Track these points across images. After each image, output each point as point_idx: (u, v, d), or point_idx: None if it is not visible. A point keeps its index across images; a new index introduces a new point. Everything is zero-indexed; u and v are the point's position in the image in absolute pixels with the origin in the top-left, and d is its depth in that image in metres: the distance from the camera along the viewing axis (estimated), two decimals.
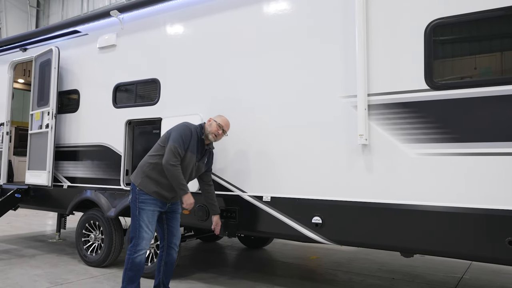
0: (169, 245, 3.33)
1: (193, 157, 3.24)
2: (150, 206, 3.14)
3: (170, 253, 3.33)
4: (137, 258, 3.10)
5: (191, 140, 3.21)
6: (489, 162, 2.66)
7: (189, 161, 3.23)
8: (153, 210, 3.16)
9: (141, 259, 3.12)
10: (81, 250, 4.72)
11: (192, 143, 3.22)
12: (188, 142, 3.18)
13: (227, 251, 5.81)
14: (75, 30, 5.08)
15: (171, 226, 3.33)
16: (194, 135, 3.24)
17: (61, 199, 4.96)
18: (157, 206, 3.18)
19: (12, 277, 4.14)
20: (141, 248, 3.11)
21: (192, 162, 3.25)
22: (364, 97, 3.09)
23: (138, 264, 3.12)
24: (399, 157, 2.97)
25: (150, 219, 3.14)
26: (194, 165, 3.28)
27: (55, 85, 4.91)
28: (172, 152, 3.09)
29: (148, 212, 3.13)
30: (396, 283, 4.22)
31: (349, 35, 3.21)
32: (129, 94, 4.55)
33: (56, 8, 17.60)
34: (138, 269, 3.13)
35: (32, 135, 5.20)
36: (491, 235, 2.61)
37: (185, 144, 3.17)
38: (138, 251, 3.10)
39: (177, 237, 3.36)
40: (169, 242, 3.33)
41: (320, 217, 3.22)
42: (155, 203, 3.16)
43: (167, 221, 3.33)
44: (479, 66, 2.81)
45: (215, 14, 3.99)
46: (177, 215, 3.37)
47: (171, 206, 3.32)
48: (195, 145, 3.24)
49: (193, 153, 3.23)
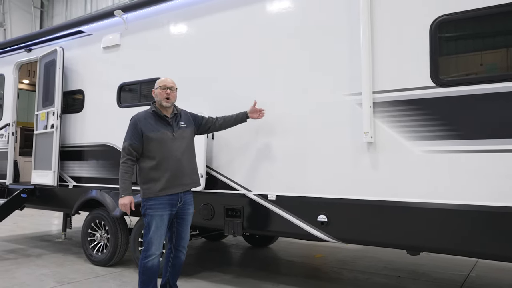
0: (176, 248, 3.25)
1: (161, 133, 3.08)
2: (158, 211, 3.06)
3: (177, 255, 3.26)
4: (148, 263, 3.07)
5: (141, 126, 3.06)
6: (495, 159, 2.65)
7: (161, 138, 3.07)
8: (162, 214, 3.06)
9: (152, 264, 3.08)
10: (87, 249, 4.75)
11: (144, 124, 3.08)
12: (137, 131, 3.06)
13: (232, 249, 5.81)
14: (79, 30, 5.10)
15: (180, 230, 3.24)
16: (142, 118, 3.11)
17: (67, 199, 4.99)
18: (166, 209, 3.08)
19: (19, 277, 4.17)
20: (151, 253, 3.06)
21: (164, 137, 3.08)
22: (369, 95, 3.08)
23: (150, 268, 3.08)
24: (404, 155, 2.95)
25: (159, 224, 3.06)
26: (173, 137, 3.11)
27: (60, 85, 4.93)
28: (122, 150, 3.12)
29: (156, 218, 3.05)
30: (402, 281, 4.21)
31: (354, 32, 3.20)
32: (133, 93, 4.57)
33: (60, 9, 17.70)
34: (151, 272, 3.09)
35: (37, 135, 5.24)
36: (498, 232, 2.59)
37: (134, 132, 3.07)
38: (149, 256, 3.06)
39: (185, 240, 3.26)
40: (177, 245, 3.25)
41: (325, 215, 3.21)
42: (163, 206, 3.06)
43: (177, 225, 3.22)
44: (485, 63, 2.79)
45: (218, 13, 3.99)
46: (187, 218, 3.24)
47: (182, 206, 3.18)
48: (150, 123, 3.09)
49: (157, 130, 3.07)
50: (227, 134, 3.78)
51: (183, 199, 3.17)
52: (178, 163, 3.11)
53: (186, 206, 3.20)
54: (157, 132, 3.08)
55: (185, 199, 3.19)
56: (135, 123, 3.11)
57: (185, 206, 3.19)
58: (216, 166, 3.78)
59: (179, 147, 3.14)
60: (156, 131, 3.08)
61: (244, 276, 4.36)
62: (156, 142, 3.07)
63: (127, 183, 3.08)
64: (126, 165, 3.08)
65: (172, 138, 3.12)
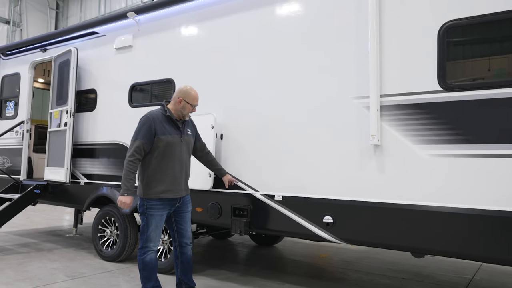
0: (180, 245, 3.32)
1: (172, 137, 3.14)
2: (158, 211, 3.13)
3: (183, 252, 3.32)
4: (146, 258, 3.13)
5: (155, 126, 3.10)
6: (502, 164, 2.66)
7: (171, 141, 3.14)
8: (161, 214, 3.15)
9: (150, 258, 3.14)
10: (97, 245, 4.85)
11: (159, 126, 3.12)
12: (151, 131, 3.09)
13: (238, 248, 5.87)
14: (93, 31, 5.21)
15: (180, 227, 3.30)
16: (156, 119, 3.14)
17: (78, 195, 5.10)
18: (166, 209, 3.16)
19: (31, 270, 4.29)
20: (149, 249, 3.13)
21: (175, 140, 3.16)
22: (376, 98, 3.11)
23: (149, 262, 3.14)
24: (411, 158, 2.98)
25: (158, 222, 3.15)
26: (181, 142, 3.19)
27: (74, 84, 5.04)
28: (130, 147, 3.11)
29: (157, 217, 3.13)
30: (406, 283, 4.22)
31: (362, 36, 3.23)
32: (144, 93, 4.66)
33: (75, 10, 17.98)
34: (151, 267, 3.15)
35: (51, 133, 5.35)
36: (504, 236, 2.61)
37: (147, 133, 3.08)
38: (146, 252, 3.13)
39: (187, 236, 3.33)
40: (179, 242, 3.32)
41: (331, 217, 3.25)
42: (162, 207, 3.14)
43: (177, 223, 3.30)
44: (493, 68, 2.81)
45: (228, 16, 4.06)
46: (186, 215, 3.31)
47: (180, 206, 3.27)
48: (164, 126, 3.14)
49: (168, 134, 3.13)
50: (236, 135, 3.84)
51: (182, 200, 3.27)
52: (181, 167, 3.21)
53: (184, 205, 3.30)
54: (169, 136, 3.15)
55: (184, 199, 3.29)
56: (150, 124, 3.11)
57: (183, 205, 3.29)
58: (224, 166, 3.84)
59: (184, 152, 3.25)
60: (168, 134, 3.14)
61: (250, 274, 4.41)
62: (166, 144, 3.13)
63: (132, 183, 3.10)
64: (133, 165, 3.08)
65: (180, 142, 3.20)
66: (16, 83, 6.14)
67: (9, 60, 6.36)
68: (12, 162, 5.96)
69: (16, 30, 17.01)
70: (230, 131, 3.74)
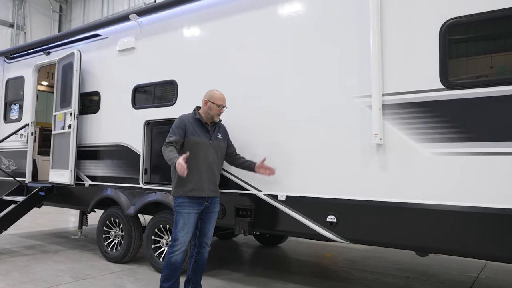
0: (200, 244, 3.38)
1: (200, 138, 3.29)
2: (185, 209, 3.21)
3: (200, 251, 3.38)
4: (172, 258, 3.20)
5: (186, 126, 3.28)
6: (505, 161, 2.65)
7: (200, 143, 3.27)
8: (189, 212, 3.21)
9: (176, 259, 3.20)
10: (102, 246, 4.88)
11: (190, 128, 3.28)
12: (182, 128, 3.26)
13: (242, 248, 5.88)
14: (96, 34, 5.24)
15: (203, 226, 3.37)
16: (188, 120, 3.32)
17: (83, 197, 5.13)
18: (193, 208, 3.23)
19: (37, 272, 4.32)
20: (176, 249, 3.20)
21: (203, 142, 3.29)
22: (378, 97, 3.11)
23: (174, 264, 3.21)
24: (414, 157, 2.97)
25: (186, 221, 3.21)
26: (209, 144, 3.31)
27: (77, 87, 5.07)
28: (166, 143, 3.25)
29: (184, 215, 3.20)
30: (410, 282, 4.21)
31: (364, 34, 3.23)
32: (147, 95, 4.68)
33: (78, 13, 18.08)
34: (173, 268, 3.22)
35: (55, 136, 5.39)
36: (508, 234, 2.60)
37: (179, 130, 3.25)
38: (174, 251, 3.20)
39: (208, 237, 3.39)
40: (200, 241, 3.37)
41: (334, 216, 3.25)
42: (190, 205, 3.22)
43: (202, 222, 3.36)
44: (495, 65, 2.80)
45: (230, 16, 4.07)
46: (212, 215, 3.38)
47: (209, 205, 3.34)
48: (195, 128, 3.31)
49: (197, 135, 3.28)
50: (239, 135, 3.85)
51: (210, 199, 3.34)
52: (208, 168, 3.29)
53: (212, 205, 3.37)
54: (197, 137, 3.29)
55: (212, 199, 3.37)
56: (183, 123, 3.30)
57: (211, 205, 3.36)
58: (227, 166, 3.85)
59: (212, 155, 3.34)
60: (196, 135, 3.30)
61: (254, 274, 4.42)
62: (194, 144, 3.26)
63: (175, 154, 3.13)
64: (170, 145, 3.21)
65: (208, 145, 3.32)
66: (20, 86, 6.19)
67: (13, 63, 6.41)
68: (17, 165, 6.01)
69: (20, 34, 17.12)
70: (233, 131, 3.75)
